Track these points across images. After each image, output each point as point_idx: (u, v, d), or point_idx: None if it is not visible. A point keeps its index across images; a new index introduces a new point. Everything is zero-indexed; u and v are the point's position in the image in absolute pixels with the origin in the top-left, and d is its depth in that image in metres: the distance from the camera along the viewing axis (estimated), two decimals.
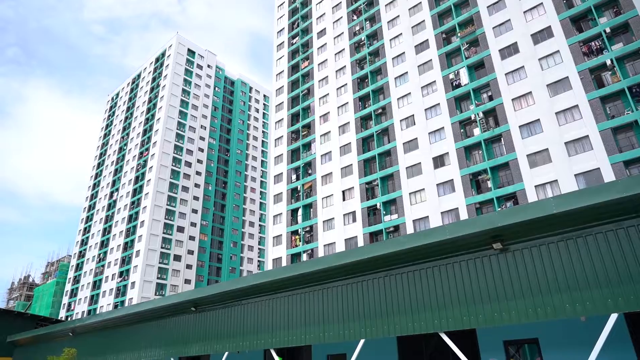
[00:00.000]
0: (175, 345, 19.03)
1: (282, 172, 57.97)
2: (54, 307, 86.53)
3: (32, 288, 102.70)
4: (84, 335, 25.70)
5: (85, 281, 79.47)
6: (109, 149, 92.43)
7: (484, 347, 12.82)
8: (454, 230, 11.09)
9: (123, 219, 76.29)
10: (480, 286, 10.92)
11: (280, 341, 14.95)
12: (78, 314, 75.75)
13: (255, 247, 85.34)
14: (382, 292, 12.75)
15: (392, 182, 45.44)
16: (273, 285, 15.45)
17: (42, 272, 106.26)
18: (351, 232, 46.44)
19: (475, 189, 39.10)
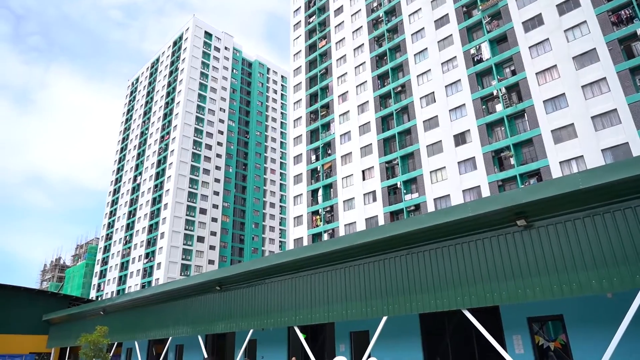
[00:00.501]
0: (202, 323, 19.57)
1: (301, 153, 58.03)
2: (85, 287, 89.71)
3: (63, 270, 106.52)
4: (114, 314, 26.65)
5: (113, 263, 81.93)
6: (131, 134, 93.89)
7: (507, 324, 12.79)
8: (476, 208, 10.99)
9: (147, 202, 77.92)
10: (504, 263, 10.84)
11: (303, 319, 15.21)
12: (107, 294, 78.37)
13: (276, 227, 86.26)
14: (404, 269, 12.78)
15: (413, 161, 45.04)
16: (295, 264, 15.66)
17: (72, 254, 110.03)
18: (371, 211, 46.44)
19: (498, 166, 38.45)
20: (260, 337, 19.44)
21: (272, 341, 19.02)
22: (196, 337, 20.49)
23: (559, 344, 12.01)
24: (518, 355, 12.12)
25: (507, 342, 12.57)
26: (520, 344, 12.45)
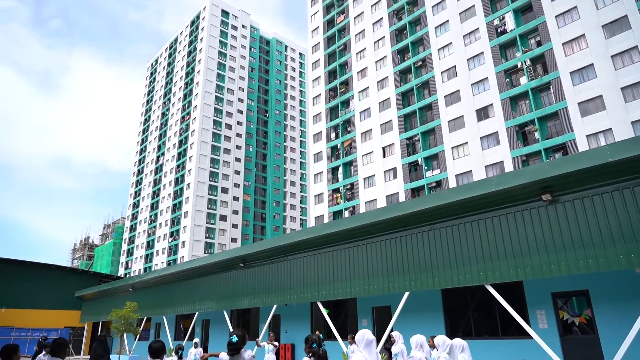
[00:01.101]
0: (227, 299, 20.06)
1: (321, 131, 57.84)
2: (113, 265, 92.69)
3: (92, 248, 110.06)
4: (143, 291, 27.52)
5: (139, 241, 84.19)
6: (152, 115, 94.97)
7: (530, 299, 12.73)
8: (500, 182, 10.84)
9: (170, 182, 79.29)
10: (528, 238, 10.72)
11: (326, 294, 15.43)
12: (135, 272, 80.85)
13: (297, 205, 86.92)
14: (426, 245, 12.78)
15: (434, 137, 44.44)
16: (317, 241, 15.81)
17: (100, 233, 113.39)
18: (392, 188, 46.26)
19: (522, 141, 37.63)
20: (284, 312, 19.85)
21: (296, 316, 19.40)
22: (222, 312, 21.05)
23: (584, 319, 11.92)
24: (542, 330, 12.08)
25: (531, 317, 12.53)
26: (544, 319, 12.40)
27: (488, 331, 13.64)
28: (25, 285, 32.70)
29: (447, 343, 6.36)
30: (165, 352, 4.99)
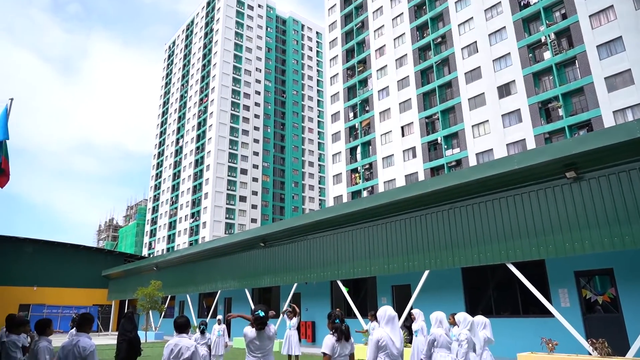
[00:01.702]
0: (248, 278, 20.44)
1: (339, 111, 57.46)
2: (137, 246, 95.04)
3: (116, 229, 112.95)
4: (166, 270, 28.23)
5: (161, 222, 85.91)
6: (171, 97, 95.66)
7: (553, 278, 12.62)
8: (522, 160, 10.67)
9: (190, 164, 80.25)
10: (551, 216, 10.57)
11: (345, 273, 15.59)
12: (158, 252, 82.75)
13: (315, 186, 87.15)
14: (447, 224, 12.73)
15: (454, 115, 43.70)
16: (337, 220, 15.90)
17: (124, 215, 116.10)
18: (411, 168, 45.91)
19: (545, 118, 36.72)
20: (304, 290, 20.14)
21: (316, 294, 19.68)
22: (243, 290, 21.48)
23: (608, 297, 11.78)
24: (564, 308, 12.00)
25: (553, 295, 12.45)
26: (567, 298, 12.31)
27: (509, 309, 13.61)
28: (54, 265, 33.89)
29: (468, 320, 6.38)
30: (190, 327, 5.14)
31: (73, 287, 34.36)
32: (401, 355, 5.03)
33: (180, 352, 4.67)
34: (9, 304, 27.95)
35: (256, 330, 4.70)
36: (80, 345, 4.44)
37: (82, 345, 4.46)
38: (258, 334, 4.69)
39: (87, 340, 4.58)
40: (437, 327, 5.74)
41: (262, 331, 4.72)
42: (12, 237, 32.50)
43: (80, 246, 37.01)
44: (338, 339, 4.65)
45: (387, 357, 4.90)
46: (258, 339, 4.68)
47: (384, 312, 5.10)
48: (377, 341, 4.96)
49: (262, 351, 4.65)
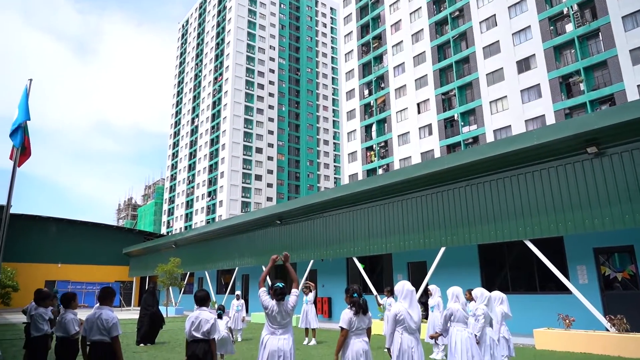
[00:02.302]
0: (264, 255, 20.74)
1: (354, 88, 56.87)
2: (156, 224, 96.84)
3: (135, 208, 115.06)
4: (185, 247, 28.78)
5: (179, 201, 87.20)
6: (185, 77, 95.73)
7: (571, 255, 12.52)
8: (542, 135, 10.47)
9: (205, 143, 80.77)
10: (571, 192, 10.42)
11: (361, 250, 15.70)
12: (176, 230, 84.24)
13: (330, 164, 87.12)
14: (464, 201, 12.66)
15: (471, 91, 42.89)
16: (353, 198, 15.93)
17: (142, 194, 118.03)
18: (427, 145, 45.47)
19: (565, 93, 35.80)
20: (321, 267, 20.37)
21: (332, 271, 19.90)
22: (260, 267, 21.83)
23: (627, 274, 11.66)
24: (582, 285, 11.93)
25: (571, 272, 12.37)
26: (585, 275, 12.22)
27: (525, 286, 13.60)
28: (77, 243, 34.83)
29: (485, 295, 6.40)
30: (209, 300, 5.27)
31: (96, 265, 35.36)
32: (419, 329, 5.10)
33: (200, 324, 4.82)
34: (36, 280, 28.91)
35: (276, 301, 4.80)
36: (103, 318, 4.61)
37: (104, 317, 4.62)
38: (278, 305, 4.79)
39: (110, 312, 4.74)
40: (454, 302, 5.77)
41: (282, 302, 4.81)
42: (36, 216, 33.42)
43: (101, 225, 37.89)
44: (356, 313, 4.72)
45: (404, 330, 4.97)
46: (277, 310, 4.78)
47: (402, 287, 5.16)
48: (395, 315, 5.03)
49: (280, 323, 4.75)
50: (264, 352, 4.61)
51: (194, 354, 4.72)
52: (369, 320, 4.85)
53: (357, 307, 4.73)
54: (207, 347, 4.76)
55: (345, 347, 4.65)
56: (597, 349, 9.41)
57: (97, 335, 4.60)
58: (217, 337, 5.63)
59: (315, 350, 10.49)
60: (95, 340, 4.61)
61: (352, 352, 4.58)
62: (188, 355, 4.78)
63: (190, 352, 4.77)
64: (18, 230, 31.12)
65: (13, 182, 11.12)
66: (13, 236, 30.79)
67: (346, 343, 4.66)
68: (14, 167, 11.11)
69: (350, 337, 4.68)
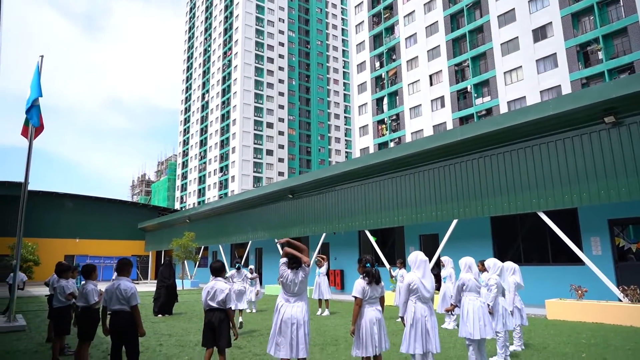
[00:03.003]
0: (277, 229, 20.97)
1: (364, 60, 55.99)
2: (169, 200, 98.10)
3: (149, 184, 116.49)
4: (199, 222, 29.20)
5: (191, 177, 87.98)
6: (194, 52, 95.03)
7: (585, 226, 12.44)
8: (558, 105, 10.27)
9: (216, 119, 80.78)
10: (586, 163, 10.27)
11: (373, 223, 15.77)
12: (190, 205, 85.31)
13: (342, 138, 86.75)
14: (476, 173, 12.57)
15: (485, 62, 41.97)
16: (365, 171, 15.91)
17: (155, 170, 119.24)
18: (439, 118, 44.92)
19: (583, 62, 34.83)
20: (333, 240, 20.57)
21: (344, 244, 20.08)
22: (273, 240, 22.11)
23: None
24: (595, 256, 11.89)
25: (584, 244, 12.32)
26: (598, 246, 12.16)
27: (538, 258, 13.60)
28: (94, 219, 35.54)
29: (498, 265, 6.43)
30: (224, 271, 5.40)
31: (112, 239, 36.13)
32: (432, 299, 5.16)
33: (216, 294, 4.95)
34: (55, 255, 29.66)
35: (290, 270, 4.89)
36: (122, 288, 4.75)
37: (123, 287, 4.76)
38: (292, 274, 4.88)
39: (128, 282, 4.88)
40: (466, 272, 5.80)
41: (297, 271, 4.89)
42: (53, 193, 34.05)
43: (116, 200, 38.51)
44: (369, 283, 4.79)
45: (418, 300, 5.05)
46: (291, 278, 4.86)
47: (415, 257, 5.20)
48: (409, 285, 5.09)
49: (294, 291, 4.83)
50: (278, 319, 4.72)
51: (210, 322, 4.89)
52: (382, 289, 4.91)
53: (370, 277, 4.80)
54: (222, 316, 4.91)
55: (359, 316, 4.73)
56: (610, 319, 9.45)
57: (117, 304, 4.75)
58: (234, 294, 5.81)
59: (328, 320, 10.70)
60: (116, 310, 4.76)
61: (365, 320, 4.67)
62: (205, 323, 4.95)
63: (207, 320, 4.94)
64: (36, 206, 31.83)
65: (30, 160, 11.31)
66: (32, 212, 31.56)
67: (360, 312, 4.75)
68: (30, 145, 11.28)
69: (364, 306, 4.76)
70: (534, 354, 6.42)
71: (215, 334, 4.90)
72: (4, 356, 6.94)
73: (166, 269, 13.27)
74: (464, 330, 5.46)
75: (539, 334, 8.21)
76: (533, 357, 6.19)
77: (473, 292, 5.65)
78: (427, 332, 4.96)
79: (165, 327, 9.83)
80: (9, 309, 12.47)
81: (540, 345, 7.03)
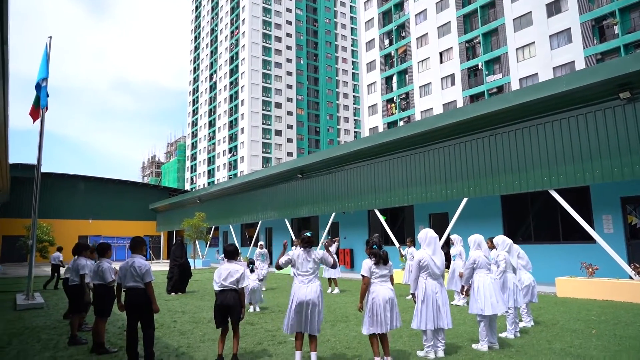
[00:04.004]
0: (287, 208, 21.08)
1: (373, 38, 55.15)
2: (179, 181, 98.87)
3: (159, 166, 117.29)
4: (209, 202, 29.43)
5: (201, 158, 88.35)
6: (202, 32, 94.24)
7: (597, 204, 12.33)
8: (572, 81, 10.07)
9: (225, 99, 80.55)
10: (600, 140, 10.12)
11: (383, 202, 15.78)
12: (199, 187, 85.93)
13: (350, 118, 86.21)
14: (487, 151, 12.46)
15: (496, 38, 41.11)
16: (374, 150, 15.84)
17: (165, 152, 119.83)
18: (450, 96, 44.34)
19: (598, 37, 33.96)
20: (342, 219, 20.65)
21: (354, 223, 20.16)
22: (283, 220, 22.26)
23: None
24: (607, 234, 11.81)
25: (596, 222, 12.23)
26: (610, 224, 12.07)
27: (548, 236, 13.55)
28: (106, 200, 36.00)
29: (507, 242, 6.43)
30: (239, 254, 5.46)
31: (124, 220, 36.63)
32: (442, 275, 5.20)
33: (230, 274, 4.99)
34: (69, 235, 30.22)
35: (303, 249, 4.95)
36: (136, 265, 4.83)
37: (137, 264, 4.84)
38: (304, 252, 4.95)
39: (142, 259, 4.95)
40: (476, 249, 5.82)
41: (309, 250, 4.95)
42: (65, 175, 34.46)
43: (127, 182, 38.87)
44: (376, 263, 4.83)
45: (429, 276, 5.11)
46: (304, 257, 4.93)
47: (425, 235, 5.24)
48: (419, 261, 5.15)
49: (307, 270, 4.89)
50: (294, 300, 4.80)
51: (223, 303, 4.91)
52: (390, 268, 4.95)
53: (377, 258, 4.84)
54: (236, 296, 4.95)
55: (372, 294, 4.78)
56: (620, 296, 9.43)
57: (131, 281, 4.84)
58: (246, 288, 5.88)
59: (338, 297, 10.84)
60: (130, 287, 4.85)
61: (378, 298, 4.72)
62: (217, 304, 4.97)
63: (219, 301, 4.96)
64: (50, 188, 32.29)
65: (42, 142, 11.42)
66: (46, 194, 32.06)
67: (373, 290, 4.79)
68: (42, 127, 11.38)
69: (376, 284, 4.81)
70: (544, 330, 6.45)
71: (228, 313, 4.97)
72: (24, 331, 7.15)
73: (178, 249, 13.46)
74: (475, 307, 5.50)
75: (549, 311, 8.24)
76: (543, 333, 6.23)
77: (483, 269, 5.68)
78: (439, 308, 5.02)
79: (179, 305, 10.03)
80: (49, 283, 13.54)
81: (550, 322, 7.06)
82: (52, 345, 6.10)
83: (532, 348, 5.34)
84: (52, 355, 5.52)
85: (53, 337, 6.61)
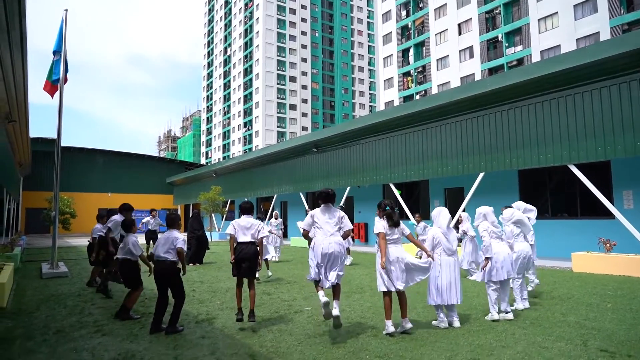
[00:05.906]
0: (302, 182, 21.17)
1: (390, 9, 53.85)
2: (195, 155, 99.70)
3: (175, 140, 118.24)
4: (225, 176, 29.70)
5: (216, 132, 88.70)
6: (215, 4, 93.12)
7: (617, 180, 12.11)
8: (596, 52, 9.75)
9: (239, 73, 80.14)
10: (623, 114, 9.85)
11: (398, 176, 15.73)
12: (215, 161, 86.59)
13: (366, 92, 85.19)
14: (506, 125, 12.25)
15: (518, 8, 39.78)
16: (390, 124, 15.70)
17: (180, 126, 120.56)
18: (468, 69, 43.38)
19: (625, 7, 32.61)
20: (357, 194, 20.68)
21: (368, 198, 20.19)
22: (298, 194, 22.39)
23: None
24: (626, 210, 11.64)
25: (616, 197, 12.04)
26: (631, 200, 11.88)
27: (566, 212, 13.41)
28: (124, 173, 36.59)
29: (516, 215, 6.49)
30: (254, 210, 5.66)
31: (142, 194, 37.26)
32: (455, 252, 5.28)
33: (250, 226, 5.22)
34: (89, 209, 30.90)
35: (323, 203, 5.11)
36: (174, 236, 5.10)
37: (174, 235, 5.11)
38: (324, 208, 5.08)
39: (178, 233, 5.22)
40: (482, 221, 5.87)
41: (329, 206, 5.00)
42: (84, 149, 35.00)
43: (145, 156, 39.34)
44: (390, 226, 4.86)
45: (443, 252, 5.20)
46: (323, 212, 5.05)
47: (437, 212, 5.36)
48: (433, 238, 5.24)
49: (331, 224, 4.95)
50: (318, 249, 4.87)
51: (244, 254, 5.19)
52: (403, 229, 4.97)
53: (389, 218, 4.87)
54: (254, 249, 5.21)
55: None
56: (638, 271, 9.35)
57: (163, 252, 5.08)
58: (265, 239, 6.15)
59: (353, 269, 10.97)
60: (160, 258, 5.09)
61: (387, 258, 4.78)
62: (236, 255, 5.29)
63: (238, 252, 5.30)
64: (70, 162, 32.88)
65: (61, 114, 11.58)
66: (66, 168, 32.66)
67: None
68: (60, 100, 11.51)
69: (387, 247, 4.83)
70: (558, 303, 6.47)
71: (247, 264, 5.25)
72: (50, 298, 7.44)
73: (195, 221, 13.69)
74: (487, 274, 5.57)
75: (564, 284, 8.23)
76: (557, 306, 6.25)
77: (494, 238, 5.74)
78: (451, 284, 5.09)
79: (197, 275, 10.28)
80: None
81: (565, 296, 7.06)
82: (77, 310, 6.36)
83: (547, 320, 5.37)
84: (78, 320, 5.76)
85: (78, 304, 6.88)
